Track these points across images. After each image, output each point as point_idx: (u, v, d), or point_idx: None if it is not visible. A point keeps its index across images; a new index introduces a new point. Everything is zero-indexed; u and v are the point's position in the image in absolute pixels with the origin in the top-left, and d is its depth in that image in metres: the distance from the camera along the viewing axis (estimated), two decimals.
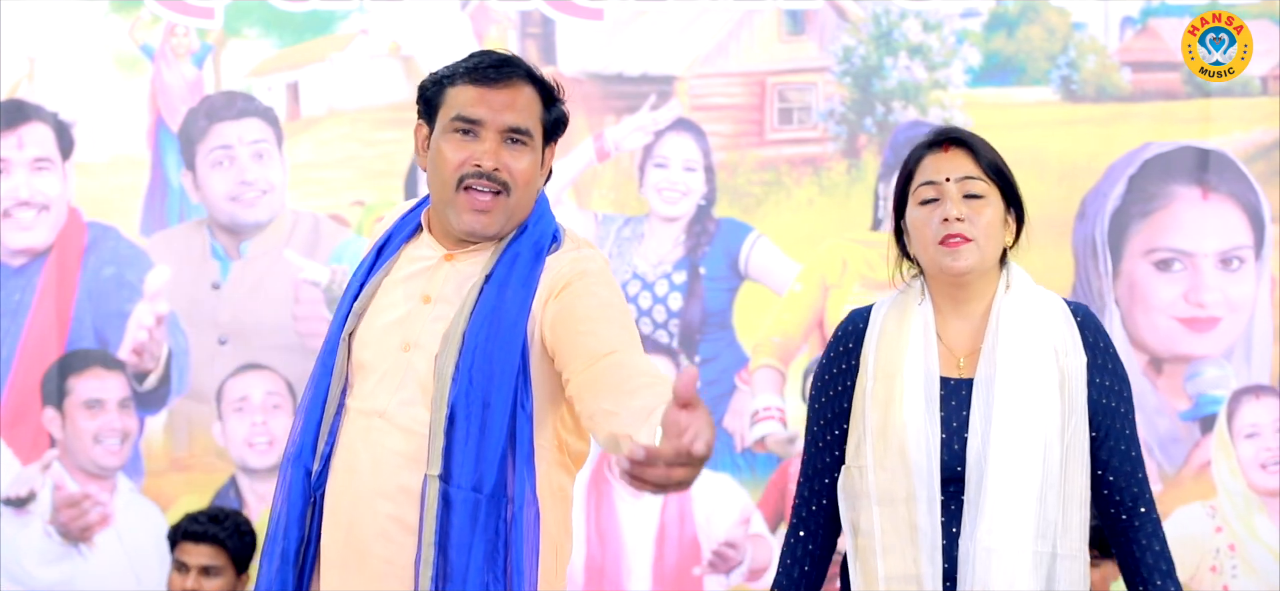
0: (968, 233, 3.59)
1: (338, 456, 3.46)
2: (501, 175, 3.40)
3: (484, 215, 3.41)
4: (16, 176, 5.95)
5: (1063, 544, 3.55)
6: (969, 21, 6.00)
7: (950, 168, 3.62)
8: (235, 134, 5.98)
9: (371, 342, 3.46)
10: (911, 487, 3.54)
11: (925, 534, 3.53)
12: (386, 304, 3.47)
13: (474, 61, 3.42)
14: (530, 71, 3.45)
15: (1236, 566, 5.91)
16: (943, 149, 3.65)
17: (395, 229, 3.57)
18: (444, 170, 3.41)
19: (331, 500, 3.47)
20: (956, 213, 3.59)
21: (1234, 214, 5.93)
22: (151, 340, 5.93)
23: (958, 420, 3.57)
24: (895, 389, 3.59)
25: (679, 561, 5.95)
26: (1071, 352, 3.60)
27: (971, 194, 3.61)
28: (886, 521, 3.56)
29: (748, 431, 5.97)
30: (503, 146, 3.40)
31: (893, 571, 3.54)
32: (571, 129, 6.04)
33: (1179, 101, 5.99)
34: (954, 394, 3.59)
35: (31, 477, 5.93)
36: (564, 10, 6.00)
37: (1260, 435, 5.92)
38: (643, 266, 5.99)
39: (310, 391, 3.52)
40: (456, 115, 3.40)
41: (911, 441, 3.55)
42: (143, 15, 5.99)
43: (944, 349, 3.64)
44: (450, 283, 3.46)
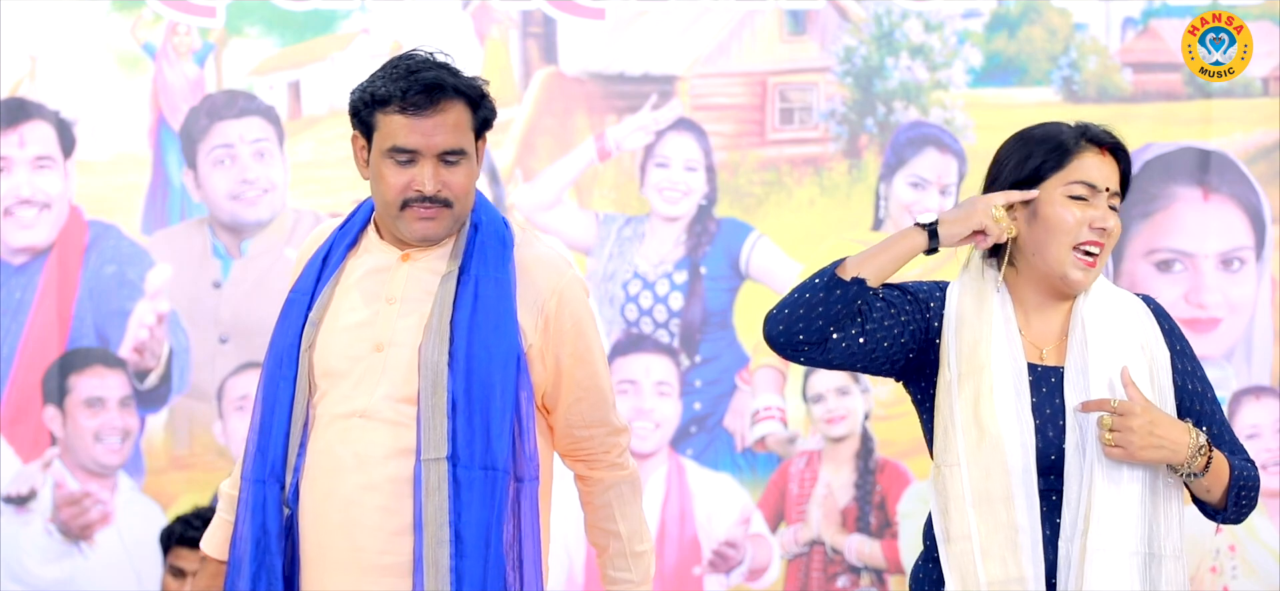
0: (1107, 244, 3.47)
1: (313, 464, 3.54)
2: (442, 194, 3.51)
3: (431, 222, 3.53)
4: (18, 175, 5.96)
5: (1163, 543, 3.42)
6: (970, 22, 6.00)
7: (1109, 176, 3.48)
8: (237, 133, 5.98)
9: (337, 349, 3.55)
10: (1009, 485, 3.38)
11: (1025, 532, 3.37)
12: (345, 309, 3.57)
13: (402, 86, 3.49)
14: (457, 85, 3.53)
15: (1237, 567, 5.91)
16: (1102, 152, 3.49)
17: (335, 239, 3.64)
18: (387, 193, 3.52)
19: (313, 507, 3.53)
20: (1107, 223, 3.45)
21: (1235, 215, 5.93)
22: (152, 338, 5.93)
23: (1050, 407, 3.42)
24: (984, 382, 3.43)
25: (679, 561, 5.95)
26: (1156, 345, 3.49)
27: (1113, 207, 3.48)
28: (984, 523, 3.38)
29: (748, 431, 5.97)
30: (440, 167, 3.51)
31: (994, 576, 3.37)
32: (573, 128, 6.09)
33: (1180, 102, 5.99)
34: (1043, 381, 3.44)
35: (32, 476, 5.93)
36: (565, 10, 6.01)
37: (1261, 436, 5.92)
38: (644, 266, 5.99)
39: (266, 409, 3.58)
40: (392, 147, 3.49)
41: (1006, 434, 3.39)
42: (144, 14, 5.99)
43: (1028, 340, 3.48)
44: (411, 282, 3.56)
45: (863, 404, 5.95)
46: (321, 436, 3.53)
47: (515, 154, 6.00)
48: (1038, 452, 3.39)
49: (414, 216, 3.52)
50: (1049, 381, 3.44)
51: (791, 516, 5.97)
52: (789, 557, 5.97)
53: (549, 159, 6.01)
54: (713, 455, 5.98)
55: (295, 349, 3.56)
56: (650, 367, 5.97)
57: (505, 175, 5.98)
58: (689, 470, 5.97)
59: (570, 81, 6.03)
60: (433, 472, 3.46)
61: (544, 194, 6.00)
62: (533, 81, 6.01)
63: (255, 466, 3.56)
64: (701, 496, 5.97)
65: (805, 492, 5.97)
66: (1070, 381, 3.43)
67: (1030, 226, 3.48)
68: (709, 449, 5.98)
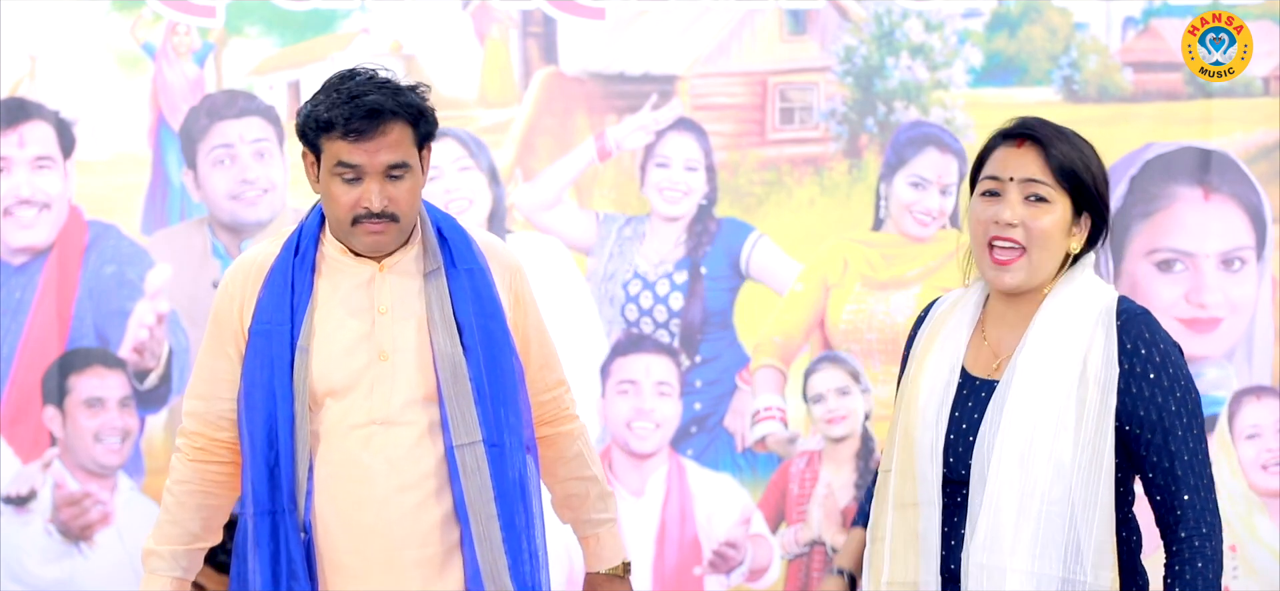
0: (1020, 239, 3.33)
1: (332, 478, 3.71)
2: (388, 210, 3.67)
3: (380, 236, 3.69)
4: (17, 175, 5.95)
5: (1077, 569, 3.29)
6: (971, 21, 6.00)
7: (1015, 165, 3.37)
8: (236, 132, 5.98)
9: (338, 366, 3.71)
10: (917, 492, 3.37)
11: (927, 539, 3.36)
12: (332, 328, 3.73)
13: (345, 111, 3.64)
14: (396, 106, 3.66)
15: (1237, 567, 5.91)
16: (1016, 144, 3.39)
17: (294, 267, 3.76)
18: (337, 210, 3.69)
19: (339, 520, 3.71)
20: (1011, 216, 3.34)
21: (1235, 214, 5.93)
22: (152, 339, 5.93)
23: (969, 421, 3.37)
24: (912, 389, 3.42)
25: (679, 561, 5.94)
26: (1103, 362, 3.31)
27: (1037, 197, 3.35)
28: (898, 526, 3.40)
29: (748, 431, 5.97)
30: (385, 183, 3.66)
31: (895, 577, 3.39)
32: (573, 128, 6.09)
33: (1181, 102, 5.98)
34: (975, 394, 3.38)
35: (32, 476, 5.93)
36: (565, 9, 6.00)
37: (1261, 436, 5.92)
38: (644, 266, 5.99)
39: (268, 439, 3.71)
40: (339, 163, 3.66)
41: (921, 442, 3.37)
42: (144, 14, 5.98)
43: (988, 349, 3.41)
44: (394, 290, 3.72)
45: (863, 404, 5.95)
46: (338, 450, 3.71)
47: (515, 154, 6.00)
48: (950, 465, 3.35)
49: (364, 232, 3.68)
50: (980, 395, 3.37)
51: (792, 516, 5.97)
52: (789, 558, 5.97)
53: (549, 159, 6.01)
54: (713, 455, 5.98)
55: (288, 376, 3.70)
56: (650, 367, 5.97)
57: (505, 175, 5.98)
58: (689, 470, 5.97)
59: (570, 81, 6.02)
60: (469, 456, 3.68)
61: (544, 194, 5.99)
62: (533, 81, 6.01)
63: (267, 498, 3.71)
64: (702, 496, 5.97)
65: (806, 493, 5.97)
66: (997, 396, 3.34)
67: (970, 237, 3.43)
68: (709, 449, 5.98)
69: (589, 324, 5.97)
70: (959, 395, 3.38)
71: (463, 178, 5.95)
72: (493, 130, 6.00)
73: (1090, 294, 3.37)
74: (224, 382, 3.80)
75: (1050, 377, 3.30)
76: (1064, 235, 3.37)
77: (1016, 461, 3.28)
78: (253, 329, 3.75)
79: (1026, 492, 3.28)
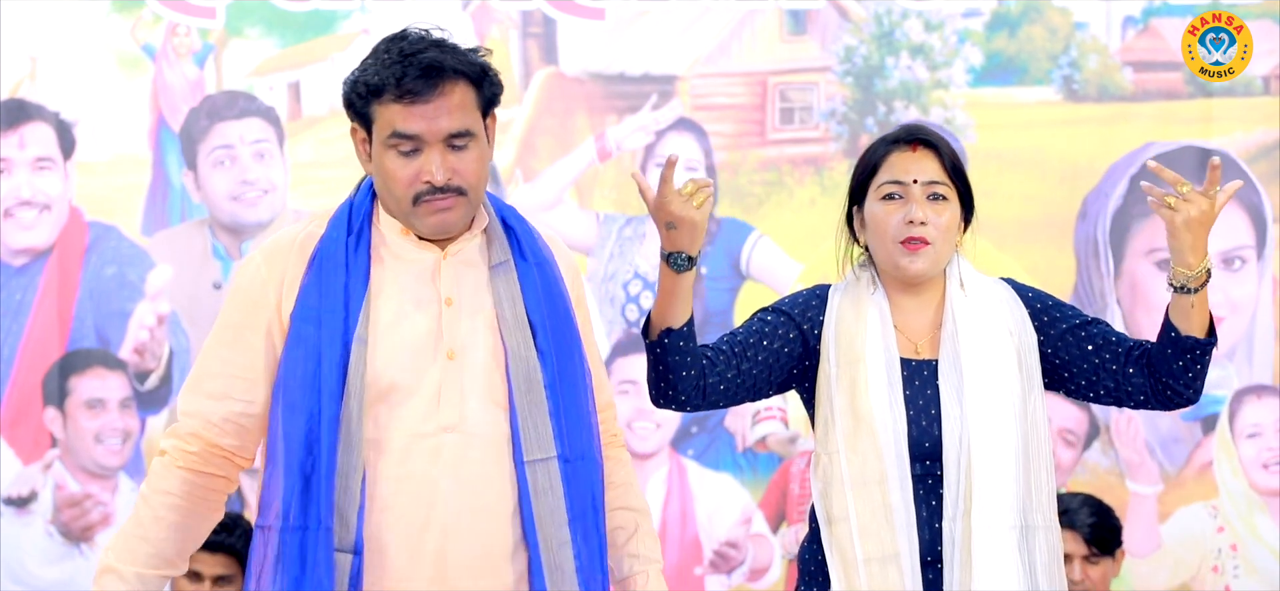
0: (929, 236, 3.65)
1: (393, 495, 3.21)
2: (454, 182, 3.24)
3: (448, 213, 3.26)
4: (18, 176, 5.95)
5: (1035, 515, 3.62)
6: (971, 21, 6.00)
7: (918, 169, 3.68)
8: (237, 133, 5.98)
9: (401, 363, 3.23)
10: (882, 469, 3.60)
11: (899, 512, 3.59)
12: (390, 318, 3.25)
13: (397, 72, 3.23)
14: (456, 64, 3.29)
15: (1238, 566, 5.91)
16: (911, 148, 3.71)
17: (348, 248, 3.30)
18: (395, 188, 3.25)
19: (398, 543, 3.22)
20: (922, 216, 3.65)
21: (1236, 214, 5.93)
22: (153, 340, 5.93)
23: (923, 398, 3.64)
24: (859, 373, 3.65)
25: (680, 561, 5.95)
26: (1023, 329, 3.68)
27: (936, 196, 3.67)
28: (861, 504, 3.61)
29: (749, 431, 5.97)
30: (448, 153, 3.24)
31: (871, 552, 3.59)
32: (573, 128, 6.09)
33: (1181, 101, 5.99)
34: (917, 374, 3.66)
35: (33, 477, 5.93)
36: (565, 10, 6.00)
37: (1262, 435, 5.92)
38: (644, 266, 5.99)
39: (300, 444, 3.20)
40: (393, 133, 3.23)
41: (879, 422, 3.61)
42: (144, 15, 5.99)
43: (899, 334, 3.70)
44: (460, 278, 3.30)
45: None
46: (399, 462, 3.21)
47: (515, 154, 6.00)
48: (912, 440, 3.62)
49: (428, 210, 3.24)
50: (922, 374, 3.66)
51: (793, 516, 5.97)
52: (790, 557, 5.97)
53: (549, 159, 6.01)
54: (714, 455, 5.98)
55: (339, 371, 3.19)
56: None
57: (506, 176, 5.98)
58: (690, 470, 5.97)
59: (570, 82, 6.03)
60: (542, 473, 3.24)
61: (545, 194, 6.00)
62: (533, 82, 6.01)
63: (299, 512, 3.18)
64: (702, 496, 5.97)
65: (806, 492, 5.94)
66: (944, 374, 3.64)
67: (866, 234, 3.75)
68: (710, 449, 5.98)
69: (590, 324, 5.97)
70: (902, 376, 3.66)
71: None
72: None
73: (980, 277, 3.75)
74: (242, 380, 3.28)
75: (994, 352, 3.64)
76: (957, 227, 3.71)
77: (991, 430, 3.59)
78: (296, 315, 3.23)
79: (1003, 456, 3.60)
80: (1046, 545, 3.64)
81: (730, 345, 3.68)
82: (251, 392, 3.29)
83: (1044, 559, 3.63)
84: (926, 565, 3.60)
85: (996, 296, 3.73)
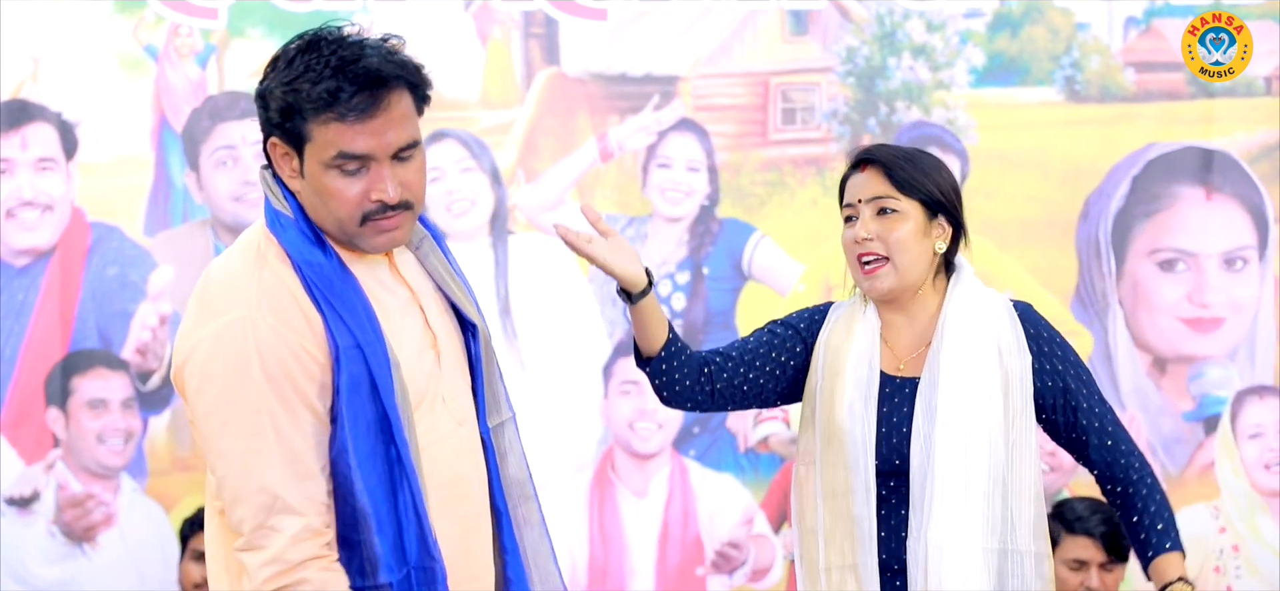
0: (879, 250, 3.69)
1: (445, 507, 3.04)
2: (405, 196, 3.00)
3: (396, 232, 3.03)
4: (20, 176, 5.96)
5: (1013, 540, 3.63)
6: (973, 22, 6.00)
7: (862, 188, 3.73)
8: (239, 134, 5.98)
9: (417, 370, 3.04)
10: (850, 481, 3.66)
11: (862, 523, 3.65)
12: (398, 331, 3.06)
13: (333, 86, 2.97)
14: (395, 71, 3.04)
15: (1240, 567, 5.91)
16: (860, 169, 3.75)
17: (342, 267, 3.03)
18: (340, 209, 2.98)
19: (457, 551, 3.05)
20: (865, 232, 3.70)
21: (1238, 214, 5.93)
22: (155, 340, 5.93)
23: (898, 415, 3.68)
24: (837, 388, 3.71)
25: (682, 561, 5.95)
26: (1015, 352, 3.69)
27: (885, 210, 3.70)
28: (829, 514, 3.69)
29: (751, 432, 5.97)
30: (396, 167, 2.98)
31: (832, 561, 3.67)
32: (575, 129, 6.09)
33: (1183, 102, 5.98)
34: (897, 391, 3.70)
35: (35, 477, 5.93)
36: (567, 10, 6.00)
37: (1264, 436, 5.92)
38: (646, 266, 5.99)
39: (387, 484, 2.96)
40: (339, 154, 2.96)
41: (850, 434, 3.67)
42: (146, 15, 5.99)
43: (887, 350, 3.74)
44: (410, 270, 3.15)
45: None
46: (441, 467, 3.04)
47: (517, 155, 6.00)
48: (882, 455, 3.66)
49: (375, 230, 3.01)
50: (902, 391, 3.69)
51: None
52: (792, 558, 5.97)
53: (551, 160, 6.01)
54: (716, 455, 5.98)
55: (394, 399, 2.96)
56: None
57: (507, 176, 5.98)
58: (692, 470, 5.97)
59: (572, 82, 6.03)
60: (503, 437, 3.15)
61: (546, 195, 6.00)
62: (535, 82, 6.01)
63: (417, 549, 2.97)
64: (704, 497, 5.97)
65: None
66: (922, 392, 3.67)
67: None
68: (712, 449, 5.98)
69: (591, 324, 5.98)
70: (882, 392, 3.70)
71: (465, 179, 5.96)
72: (495, 131, 6.00)
73: (986, 295, 3.74)
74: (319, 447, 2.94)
75: (974, 371, 3.66)
76: (921, 238, 3.71)
77: (959, 448, 3.61)
78: (341, 359, 2.94)
79: (970, 476, 3.61)
80: (1035, 572, 3.66)
81: (740, 352, 3.79)
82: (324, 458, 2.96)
83: (1033, 586, 3.66)
84: (894, 574, 3.66)
85: (993, 315, 3.72)
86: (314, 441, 2.94)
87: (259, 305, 3.00)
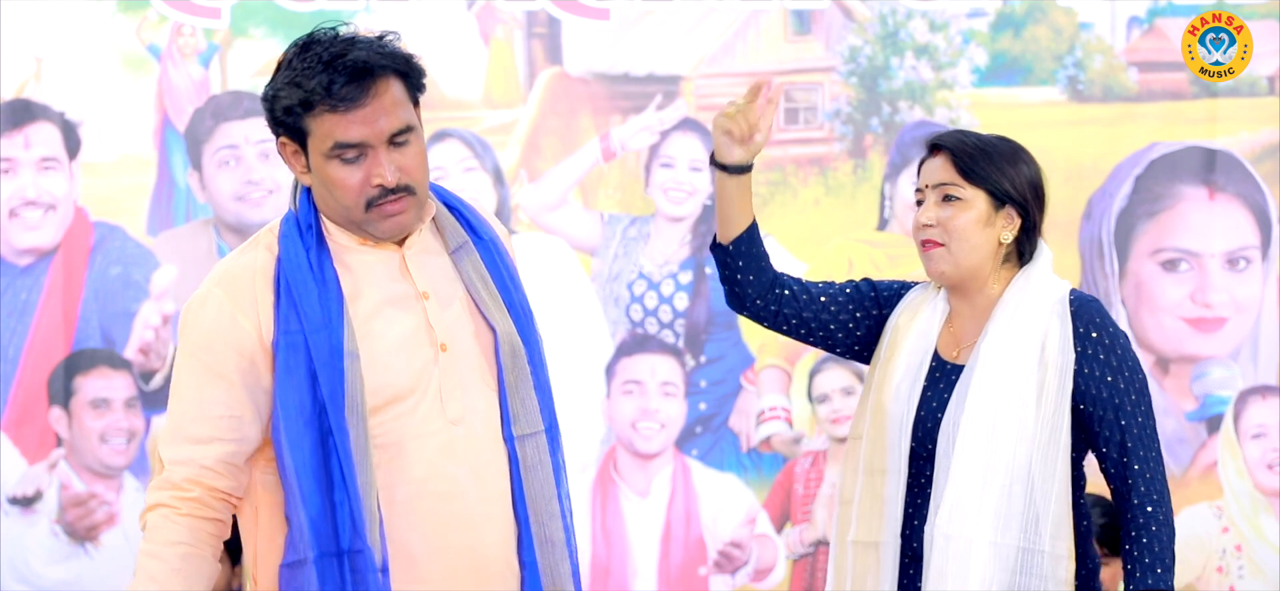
0: (938, 237, 3.69)
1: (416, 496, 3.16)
2: (404, 181, 3.16)
3: (401, 216, 3.19)
4: (23, 176, 5.96)
5: (1035, 538, 3.61)
6: (975, 21, 6.00)
7: (930, 174, 3.74)
8: (241, 134, 5.98)
9: (398, 367, 3.17)
10: (886, 460, 3.69)
11: (890, 504, 3.67)
12: (380, 325, 3.19)
13: (325, 81, 3.13)
14: (383, 60, 3.18)
15: (1243, 567, 5.91)
16: (934, 154, 3.76)
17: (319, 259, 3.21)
18: (345, 197, 3.17)
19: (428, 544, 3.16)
20: (925, 218, 3.71)
21: (1241, 214, 5.93)
22: (158, 339, 5.94)
23: (938, 401, 3.68)
24: (891, 367, 3.73)
25: (684, 561, 5.95)
26: (1058, 348, 3.65)
27: (949, 197, 3.70)
28: (865, 490, 3.71)
29: (753, 431, 5.97)
30: (393, 152, 3.15)
31: (860, 536, 3.70)
32: (578, 128, 6.09)
33: (1186, 101, 5.98)
34: (944, 377, 3.70)
35: (38, 477, 5.93)
36: (570, 10, 6.00)
37: (1267, 435, 5.92)
38: (649, 266, 5.99)
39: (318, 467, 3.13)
40: (335, 145, 3.14)
41: (890, 415, 3.69)
42: (149, 15, 5.99)
43: (950, 336, 3.74)
44: (428, 269, 3.25)
45: None
46: (417, 463, 3.16)
47: (520, 154, 6.00)
48: (918, 439, 3.67)
49: (381, 215, 3.18)
50: (950, 377, 3.69)
51: (797, 517, 5.97)
52: (794, 558, 5.97)
53: (554, 159, 6.01)
54: (718, 455, 5.98)
55: (341, 386, 3.12)
56: (655, 368, 5.97)
57: (510, 176, 5.98)
58: (694, 470, 5.97)
59: (575, 82, 6.03)
60: (531, 448, 3.22)
61: (549, 194, 6.00)
62: (537, 82, 6.01)
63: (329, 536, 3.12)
64: (707, 497, 5.97)
65: (811, 493, 5.97)
66: (961, 380, 3.67)
67: None
68: (714, 449, 5.98)
69: (594, 324, 5.98)
70: (930, 375, 3.70)
71: (467, 178, 5.96)
72: (497, 131, 6.00)
73: (1045, 287, 3.71)
74: (227, 419, 3.17)
75: (1011, 361, 3.64)
76: (983, 227, 3.71)
77: (981, 438, 3.60)
78: (279, 345, 3.14)
79: (990, 467, 3.60)
80: (1042, 569, 3.61)
81: (820, 288, 3.81)
82: (240, 431, 3.18)
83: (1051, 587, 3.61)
84: (916, 559, 3.66)
85: (1044, 308, 3.69)
86: (221, 409, 3.18)
87: (220, 282, 3.26)
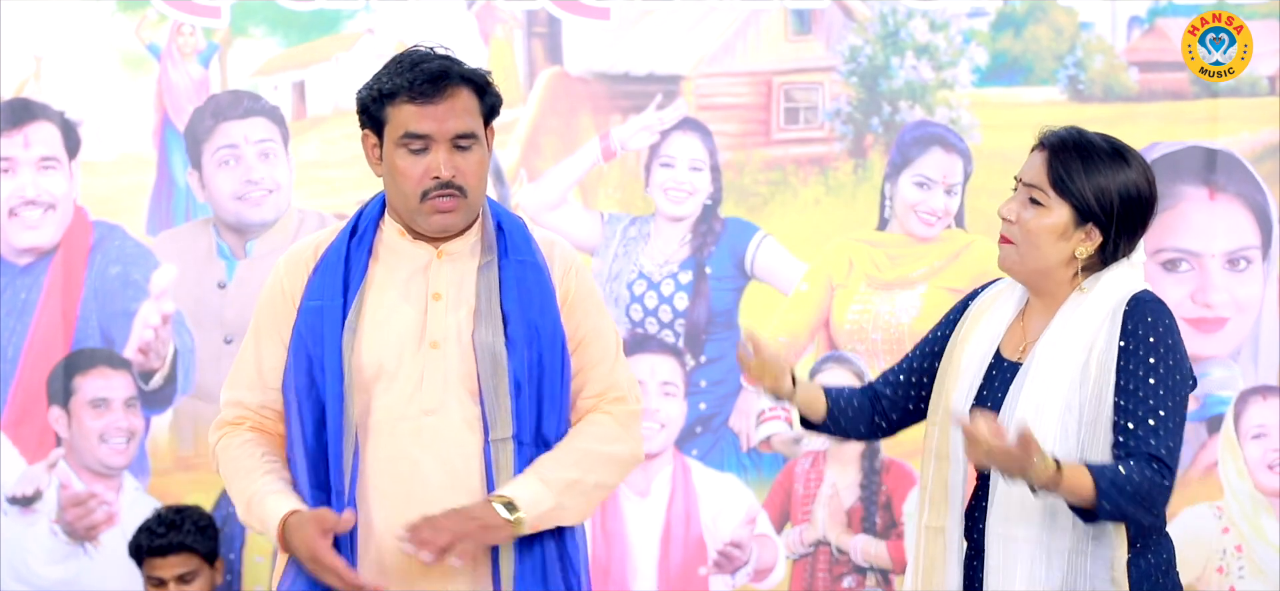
0: (1013, 235, 3.71)
1: (380, 472, 3.63)
2: (458, 180, 3.62)
3: (449, 215, 3.64)
4: (23, 175, 5.96)
5: (1085, 540, 3.61)
6: (976, 21, 6.00)
7: (1027, 170, 3.74)
8: (241, 133, 5.98)
9: (386, 350, 3.63)
10: (952, 449, 3.75)
11: (955, 491, 3.74)
12: (383, 310, 3.66)
13: (410, 76, 3.60)
14: (463, 73, 3.64)
15: (1243, 567, 5.90)
16: (1039, 149, 3.75)
17: (351, 248, 3.70)
18: (404, 185, 3.63)
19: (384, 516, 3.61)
20: (1007, 213, 3.73)
21: (1241, 214, 5.93)
22: (157, 339, 5.94)
23: (994, 399, 3.71)
24: (956, 354, 3.80)
25: (684, 561, 5.94)
26: (1106, 347, 3.63)
27: (1034, 199, 3.70)
28: (936, 476, 3.78)
29: (753, 431, 5.97)
30: (453, 153, 3.61)
31: (930, 521, 3.77)
32: (578, 128, 6.09)
33: (1186, 101, 5.98)
34: (1005, 374, 3.73)
35: (37, 476, 5.93)
36: (570, 9, 6.00)
37: (1267, 436, 5.92)
38: (649, 266, 5.99)
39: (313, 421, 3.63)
40: (405, 134, 3.60)
41: (954, 403, 3.75)
42: (149, 14, 5.99)
43: (1021, 332, 3.77)
44: (450, 276, 3.67)
45: None
46: (386, 442, 3.62)
47: (520, 154, 6.00)
48: None
49: (432, 208, 3.62)
50: (1007, 376, 3.72)
51: (797, 517, 5.96)
52: (794, 558, 5.97)
53: (554, 159, 6.01)
54: (718, 455, 5.98)
55: (339, 354, 3.61)
56: (655, 368, 5.97)
57: (510, 175, 5.98)
58: (694, 470, 5.97)
59: (575, 81, 6.02)
60: (501, 452, 3.61)
61: (549, 194, 6.00)
62: (537, 81, 6.01)
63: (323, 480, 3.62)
64: (707, 497, 5.96)
65: (811, 493, 5.96)
66: (1018, 377, 3.69)
67: None
68: (714, 449, 5.98)
69: None
70: (989, 372, 3.74)
71: None
72: (497, 130, 5.97)
73: (1113, 289, 3.67)
74: (273, 372, 3.72)
75: (1062, 363, 3.63)
76: (1058, 238, 3.69)
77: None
78: (303, 306, 3.67)
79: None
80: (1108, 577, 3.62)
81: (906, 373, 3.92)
82: (278, 381, 3.70)
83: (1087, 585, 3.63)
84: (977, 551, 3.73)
85: (1100, 312, 3.66)
86: (266, 367, 3.73)
87: (287, 254, 3.77)
